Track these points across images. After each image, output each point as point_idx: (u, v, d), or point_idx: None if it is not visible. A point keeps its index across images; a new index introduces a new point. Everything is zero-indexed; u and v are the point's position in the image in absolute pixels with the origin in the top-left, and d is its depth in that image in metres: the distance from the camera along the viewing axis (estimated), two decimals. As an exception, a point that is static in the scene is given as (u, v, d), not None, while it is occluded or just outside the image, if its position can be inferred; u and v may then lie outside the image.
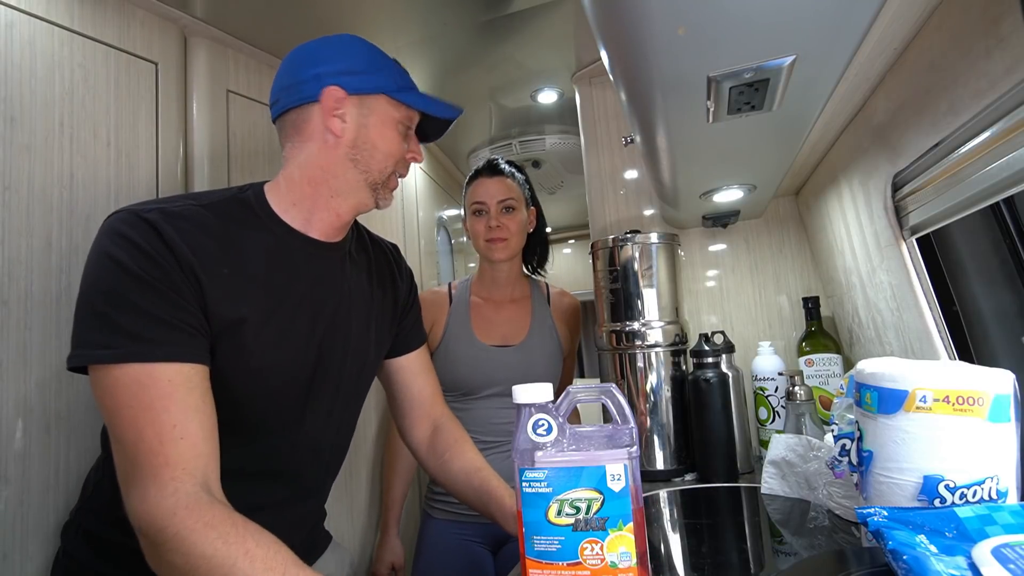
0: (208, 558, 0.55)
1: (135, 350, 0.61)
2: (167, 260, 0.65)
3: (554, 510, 0.57)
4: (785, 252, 1.39)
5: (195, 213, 0.71)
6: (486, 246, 1.28)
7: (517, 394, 0.61)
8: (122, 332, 0.61)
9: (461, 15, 1.27)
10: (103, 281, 0.63)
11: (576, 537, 0.56)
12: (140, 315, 0.62)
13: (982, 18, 0.57)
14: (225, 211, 0.74)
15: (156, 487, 0.58)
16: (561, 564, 0.56)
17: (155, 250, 0.64)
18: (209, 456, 0.63)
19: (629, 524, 0.56)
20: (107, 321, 0.62)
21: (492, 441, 1.26)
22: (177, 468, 0.59)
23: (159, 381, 0.61)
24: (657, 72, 0.60)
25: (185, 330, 0.65)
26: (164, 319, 0.63)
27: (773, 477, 0.95)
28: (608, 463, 0.57)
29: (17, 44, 0.88)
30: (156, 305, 0.63)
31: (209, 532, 0.56)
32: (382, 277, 0.94)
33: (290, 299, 0.76)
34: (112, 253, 0.64)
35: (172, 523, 0.56)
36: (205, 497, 0.59)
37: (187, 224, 0.68)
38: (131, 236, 0.64)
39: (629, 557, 0.55)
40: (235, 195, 0.78)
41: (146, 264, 0.64)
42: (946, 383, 0.54)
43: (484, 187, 1.29)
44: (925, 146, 0.74)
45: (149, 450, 0.59)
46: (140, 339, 0.61)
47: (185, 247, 0.66)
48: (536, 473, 0.58)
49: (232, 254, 0.71)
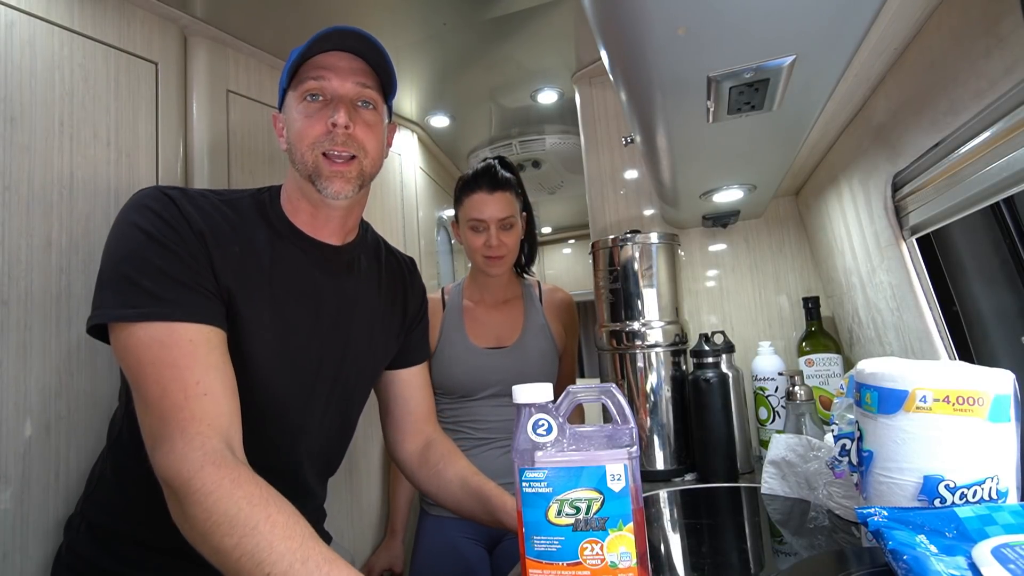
0: (231, 516, 0.55)
1: (157, 310, 0.63)
2: (183, 228, 0.69)
3: (554, 510, 0.57)
4: (785, 252, 1.39)
5: (212, 200, 0.75)
6: (484, 262, 1.27)
7: (517, 394, 0.61)
8: (144, 292, 0.64)
9: (461, 15, 1.27)
10: (125, 245, 0.67)
11: (576, 537, 0.56)
12: (161, 276, 0.65)
13: (982, 18, 0.57)
14: (240, 206, 0.78)
15: (183, 440, 0.59)
16: (561, 564, 0.56)
17: (173, 218, 0.69)
18: (232, 415, 0.64)
19: (629, 524, 0.55)
20: (130, 282, 0.64)
21: (486, 438, 1.26)
22: (203, 423, 0.60)
23: (181, 340, 0.63)
24: (657, 72, 0.60)
25: (203, 293, 0.67)
26: (183, 281, 0.66)
27: (773, 477, 0.95)
28: (608, 463, 0.56)
29: (17, 44, 0.88)
30: (175, 268, 0.66)
31: (236, 491, 0.56)
32: (392, 289, 0.94)
33: (293, 294, 0.77)
34: (134, 220, 0.67)
35: (199, 476, 0.56)
36: (230, 455, 0.60)
37: (204, 203, 0.73)
38: (152, 206, 0.69)
39: (629, 557, 0.55)
40: (253, 195, 0.81)
41: (166, 229, 0.67)
42: (946, 383, 0.54)
43: (484, 204, 1.25)
44: (925, 146, 0.74)
45: (174, 405, 0.60)
46: (162, 300, 0.64)
47: (200, 219, 0.71)
48: (536, 473, 0.58)
49: (242, 240, 0.74)
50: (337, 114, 0.74)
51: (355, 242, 0.87)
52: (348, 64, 0.76)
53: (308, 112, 0.75)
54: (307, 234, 0.81)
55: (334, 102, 0.75)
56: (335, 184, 0.75)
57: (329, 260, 0.82)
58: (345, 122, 0.74)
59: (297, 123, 0.76)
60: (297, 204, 0.80)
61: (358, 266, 0.88)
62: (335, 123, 0.74)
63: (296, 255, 0.79)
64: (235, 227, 0.74)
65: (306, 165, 0.75)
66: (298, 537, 0.55)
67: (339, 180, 0.75)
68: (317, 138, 0.75)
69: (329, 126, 0.74)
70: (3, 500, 0.81)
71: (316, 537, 0.57)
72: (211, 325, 0.66)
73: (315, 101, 0.76)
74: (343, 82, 0.76)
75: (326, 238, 0.82)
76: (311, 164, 0.75)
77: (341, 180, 0.76)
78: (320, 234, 0.81)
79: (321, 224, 0.81)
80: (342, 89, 0.76)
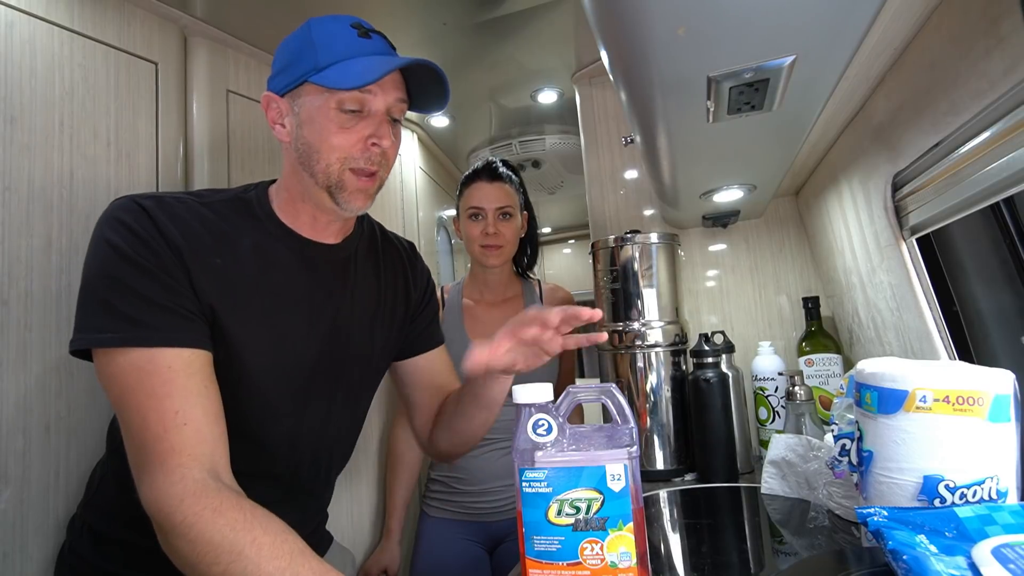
0: (215, 545, 0.55)
1: (134, 335, 0.61)
2: (158, 244, 0.65)
3: (554, 510, 0.57)
4: (785, 252, 1.39)
5: (192, 206, 0.71)
6: (481, 252, 1.28)
7: (517, 394, 0.61)
8: (121, 316, 0.62)
9: (461, 15, 1.27)
10: (101, 266, 0.64)
11: (576, 537, 0.56)
12: (137, 299, 0.62)
13: (982, 18, 0.57)
14: (223, 210, 0.73)
15: (163, 474, 0.58)
16: (561, 564, 0.56)
17: (148, 234, 0.65)
18: (216, 441, 0.63)
19: (629, 524, 0.56)
20: (106, 305, 0.62)
21: (486, 438, 1.26)
22: (183, 455, 0.59)
23: (159, 367, 0.61)
24: (657, 72, 0.60)
25: (181, 314, 0.65)
26: (160, 303, 0.63)
27: (773, 477, 0.95)
28: (608, 463, 0.57)
29: (17, 44, 0.88)
30: (151, 289, 0.63)
31: (217, 519, 0.56)
32: (393, 278, 0.91)
33: (284, 301, 0.74)
34: (108, 238, 0.64)
35: (180, 510, 0.56)
36: (212, 484, 0.59)
37: (181, 211, 0.69)
38: (126, 220, 0.65)
39: (629, 557, 0.55)
40: (238, 195, 0.77)
41: (140, 248, 0.64)
42: (946, 383, 0.54)
43: (483, 192, 1.28)
44: (925, 146, 0.74)
45: (154, 437, 0.59)
46: (139, 324, 0.62)
47: (176, 232, 0.66)
48: (536, 473, 0.58)
49: (225, 249, 0.70)
50: (381, 135, 0.71)
51: (351, 235, 0.84)
52: (392, 76, 0.73)
53: (343, 123, 0.70)
54: (302, 235, 0.77)
55: (372, 116, 0.71)
56: (358, 200, 0.73)
57: (325, 260, 0.79)
58: (388, 144, 0.72)
59: (329, 132, 0.70)
60: (298, 206, 0.76)
61: (355, 260, 0.85)
62: (376, 143, 0.71)
63: (287, 258, 0.76)
64: (217, 236, 0.70)
65: (329, 177, 0.71)
66: (286, 556, 0.55)
67: (362, 196, 0.73)
68: (350, 153, 0.71)
69: (367, 144, 0.71)
70: (3, 500, 0.81)
71: (306, 552, 0.57)
72: (192, 348, 0.64)
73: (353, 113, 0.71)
74: (386, 96, 0.72)
75: (324, 239, 0.79)
76: (335, 177, 0.71)
77: (364, 196, 0.74)
78: (319, 236, 0.79)
79: (322, 227, 0.78)
80: (384, 104, 0.72)
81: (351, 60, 0.69)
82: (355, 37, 0.70)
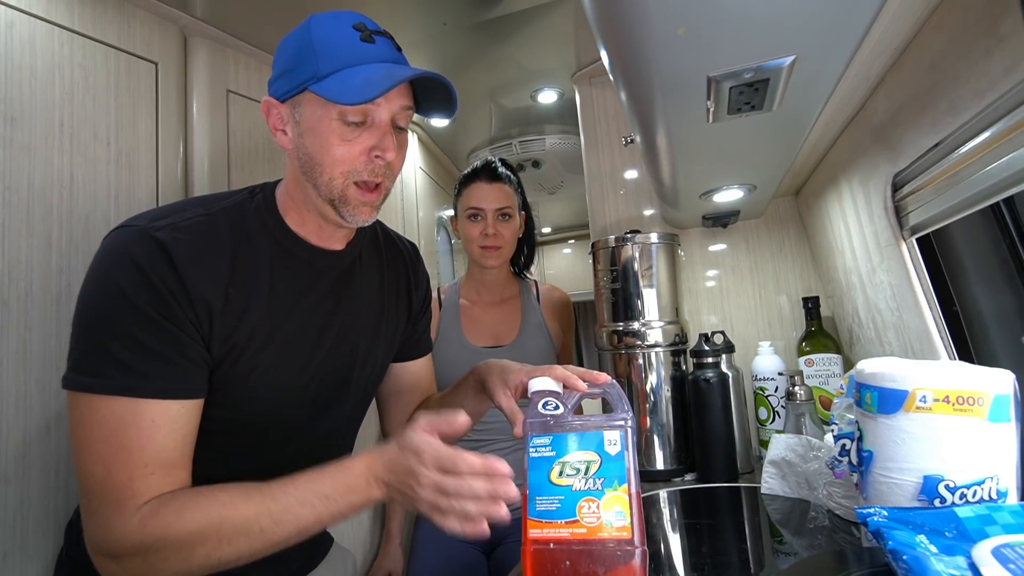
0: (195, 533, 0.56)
1: (124, 383, 0.58)
2: (174, 289, 0.60)
3: (556, 471, 0.62)
4: (785, 252, 1.39)
5: (206, 228, 0.66)
6: (480, 252, 1.28)
7: (532, 385, 0.68)
8: (114, 362, 0.58)
9: (461, 15, 1.28)
10: (102, 304, 0.60)
11: (574, 496, 0.60)
12: (135, 346, 0.59)
13: (982, 18, 0.57)
14: (234, 221, 0.69)
15: (118, 515, 0.57)
16: (560, 522, 0.60)
17: (161, 279, 0.60)
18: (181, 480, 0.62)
19: (624, 485, 0.60)
20: (101, 347, 0.58)
21: (486, 439, 1.26)
22: (143, 497, 0.58)
23: (142, 420, 0.58)
24: (657, 72, 0.60)
25: (180, 364, 0.61)
26: (160, 352, 0.60)
27: (773, 477, 0.95)
28: (606, 430, 0.63)
29: (17, 44, 0.88)
30: (153, 338, 0.59)
31: (184, 514, 0.57)
32: (396, 282, 0.89)
33: (294, 315, 0.72)
34: (115, 276, 0.59)
35: (145, 532, 0.56)
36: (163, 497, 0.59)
37: (196, 239, 0.64)
38: (138, 259, 0.59)
39: (623, 516, 0.58)
40: (245, 200, 0.73)
41: (149, 295, 0.59)
42: (946, 383, 0.54)
43: (483, 192, 1.28)
44: (925, 146, 0.74)
45: (116, 486, 0.57)
46: (132, 372, 0.58)
47: (197, 273, 0.62)
48: (543, 439, 0.64)
49: (240, 272, 0.67)
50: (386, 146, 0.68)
51: (355, 239, 0.82)
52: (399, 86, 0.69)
53: (345, 135, 0.67)
54: (311, 243, 0.75)
55: (376, 127, 0.68)
56: (363, 214, 0.70)
57: (332, 268, 0.77)
58: (393, 156, 0.68)
59: (331, 144, 0.66)
60: (304, 215, 0.74)
61: (360, 265, 0.83)
62: (381, 156, 0.68)
63: (298, 271, 0.73)
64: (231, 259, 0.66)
65: (332, 190, 0.68)
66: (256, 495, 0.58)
67: (367, 209, 0.70)
68: (354, 167, 0.68)
69: (371, 156, 0.68)
70: (3, 500, 0.81)
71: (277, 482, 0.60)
72: (182, 399, 0.61)
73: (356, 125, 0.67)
74: (390, 105, 0.68)
75: (330, 245, 0.77)
76: (339, 191, 0.68)
77: (369, 209, 0.71)
78: (326, 243, 0.76)
79: (328, 235, 0.76)
80: (388, 114, 0.68)
81: (352, 69, 0.65)
82: (357, 41, 0.66)
